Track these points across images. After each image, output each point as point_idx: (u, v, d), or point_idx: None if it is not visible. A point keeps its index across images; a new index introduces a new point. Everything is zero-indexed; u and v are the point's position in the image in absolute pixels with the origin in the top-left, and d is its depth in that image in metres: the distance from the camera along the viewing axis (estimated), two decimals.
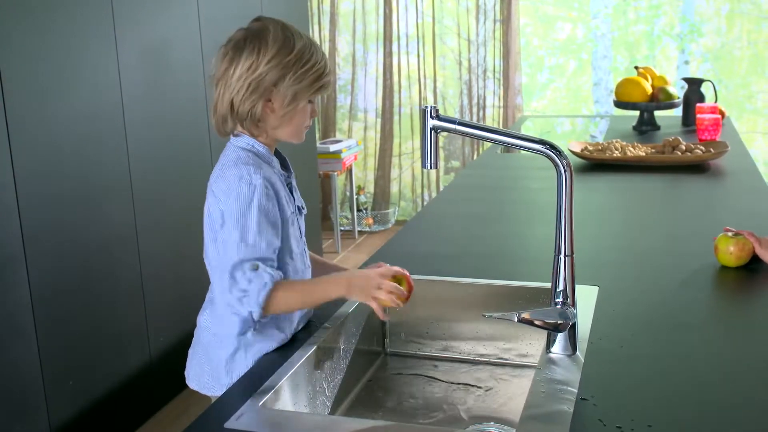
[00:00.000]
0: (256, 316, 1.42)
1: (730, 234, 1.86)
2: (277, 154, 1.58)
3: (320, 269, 1.67)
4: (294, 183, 1.59)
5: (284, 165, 1.58)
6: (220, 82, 1.48)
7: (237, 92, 1.44)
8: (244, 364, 1.50)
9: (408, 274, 1.53)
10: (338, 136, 5.75)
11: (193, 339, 1.64)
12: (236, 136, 1.52)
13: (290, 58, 1.43)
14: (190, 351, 1.63)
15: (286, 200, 1.49)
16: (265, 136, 1.50)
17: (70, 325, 2.68)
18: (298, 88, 1.44)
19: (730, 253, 1.82)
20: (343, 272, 1.60)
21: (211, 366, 1.55)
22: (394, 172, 5.72)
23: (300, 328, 1.58)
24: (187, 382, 1.63)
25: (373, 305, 1.45)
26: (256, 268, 1.41)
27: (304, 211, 1.61)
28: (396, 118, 5.63)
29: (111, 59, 2.85)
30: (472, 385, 1.73)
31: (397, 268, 1.52)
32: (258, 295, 1.40)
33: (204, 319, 1.61)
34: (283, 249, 1.49)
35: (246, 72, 1.43)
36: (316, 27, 5.54)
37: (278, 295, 1.41)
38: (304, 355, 1.48)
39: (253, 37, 1.46)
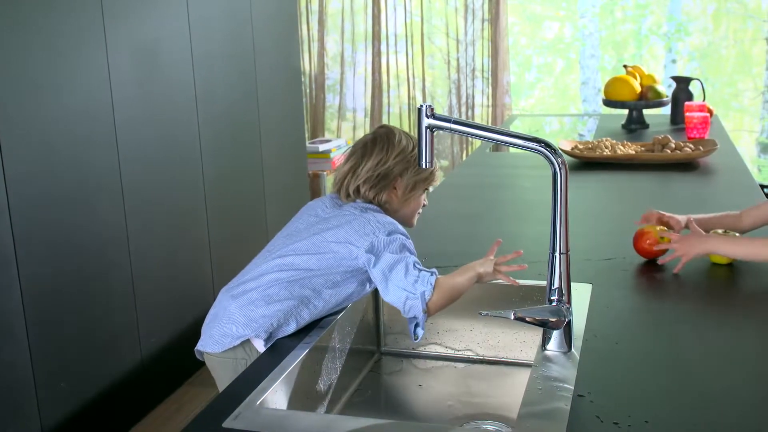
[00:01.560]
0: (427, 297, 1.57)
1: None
2: None
3: None
4: None
5: None
6: (349, 173, 1.73)
7: (365, 181, 1.71)
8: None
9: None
10: (327, 135, 5.75)
11: (214, 311, 1.69)
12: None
13: (412, 156, 1.73)
14: (209, 322, 1.69)
15: None
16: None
17: (62, 326, 2.67)
18: (418, 179, 1.74)
19: None
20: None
21: (245, 320, 1.61)
22: None
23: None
24: (204, 349, 1.67)
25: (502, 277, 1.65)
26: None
27: None
28: (385, 117, 5.63)
29: (101, 59, 2.84)
30: (468, 384, 1.73)
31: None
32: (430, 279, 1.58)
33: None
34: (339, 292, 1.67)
35: (375, 166, 1.71)
36: (304, 26, 5.54)
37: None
38: (300, 354, 1.48)
39: (382, 138, 1.75)
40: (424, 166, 1.42)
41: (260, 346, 1.60)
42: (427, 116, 1.39)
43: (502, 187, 2.83)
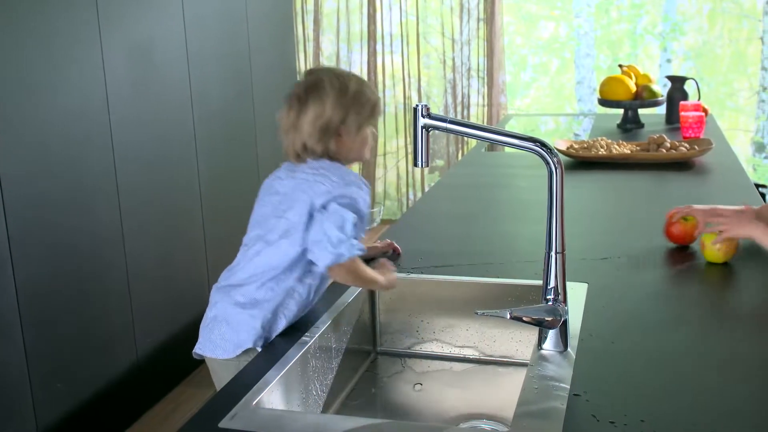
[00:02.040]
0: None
1: (713, 231, 1.87)
2: None
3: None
4: None
5: None
6: (290, 130, 1.68)
7: (309, 136, 1.65)
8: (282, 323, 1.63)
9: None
10: None
11: (212, 314, 1.69)
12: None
13: (348, 99, 1.67)
14: (208, 324, 1.69)
15: None
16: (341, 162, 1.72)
17: (57, 326, 2.67)
18: (361, 119, 1.69)
19: (717, 249, 1.84)
20: None
21: (246, 326, 1.61)
22: (379, 172, 5.72)
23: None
24: (203, 353, 1.67)
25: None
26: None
27: None
28: (380, 117, 5.63)
29: (96, 58, 2.83)
30: (464, 383, 1.73)
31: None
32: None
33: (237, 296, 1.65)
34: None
35: (314, 119, 1.65)
36: (299, 26, 5.53)
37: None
38: (296, 354, 1.48)
39: (312, 88, 1.68)
40: (419, 166, 1.42)
41: (260, 347, 1.61)
42: (423, 116, 1.39)
43: (498, 186, 2.83)
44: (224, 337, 1.64)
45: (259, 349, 1.60)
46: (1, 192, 2.42)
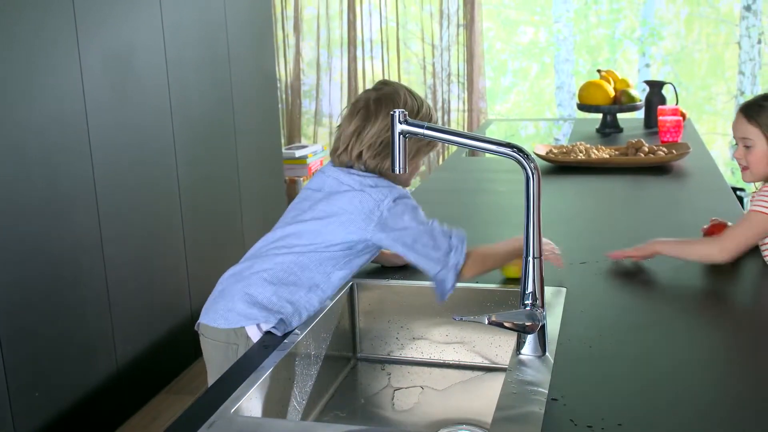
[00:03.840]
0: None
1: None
2: None
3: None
4: None
5: None
6: (352, 136, 1.65)
7: (368, 147, 1.63)
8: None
9: None
10: (303, 141, 5.74)
11: (225, 287, 1.68)
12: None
13: (419, 117, 1.65)
14: (216, 297, 1.68)
15: None
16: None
17: (35, 335, 2.64)
18: (420, 145, 1.68)
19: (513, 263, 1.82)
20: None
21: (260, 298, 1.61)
22: None
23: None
24: (208, 322, 1.65)
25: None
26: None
27: None
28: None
29: (74, 65, 2.82)
30: (444, 388, 1.73)
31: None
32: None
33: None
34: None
35: (381, 131, 1.63)
36: (279, 32, 5.53)
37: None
38: (275, 361, 1.48)
39: (386, 99, 1.65)
40: (397, 172, 1.42)
41: (254, 335, 1.60)
42: (401, 122, 1.40)
43: (478, 191, 2.84)
44: (230, 308, 1.64)
45: (252, 331, 1.60)
46: None
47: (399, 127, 1.40)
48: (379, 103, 1.64)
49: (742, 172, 1.86)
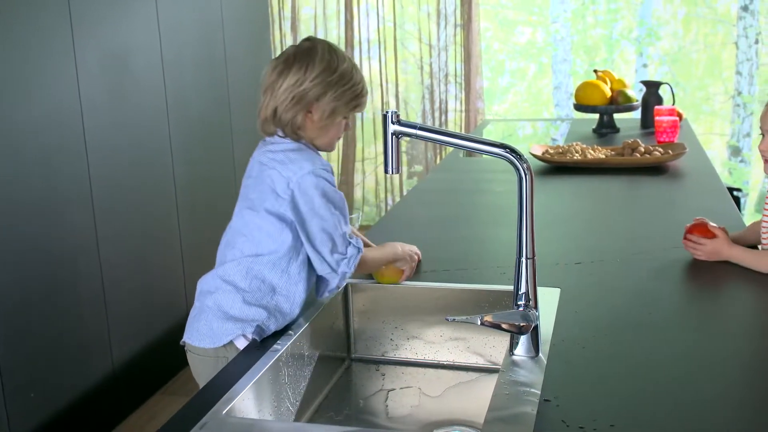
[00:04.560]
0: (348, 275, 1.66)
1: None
2: None
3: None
4: None
5: None
6: (267, 91, 1.64)
7: (281, 102, 1.61)
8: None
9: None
10: None
11: (201, 303, 1.67)
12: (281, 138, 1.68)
13: (333, 78, 1.61)
14: (196, 315, 1.67)
15: None
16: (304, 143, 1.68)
17: (31, 335, 2.64)
18: (337, 104, 1.63)
19: (385, 268, 1.83)
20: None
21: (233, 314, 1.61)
22: (358, 177, 5.72)
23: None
24: (191, 341, 1.65)
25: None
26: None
27: None
28: (358, 122, 5.63)
29: (69, 66, 2.82)
30: (437, 389, 1.73)
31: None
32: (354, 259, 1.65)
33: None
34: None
35: (292, 86, 1.60)
36: (276, 32, 5.53)
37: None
38: (268, 362, 1.47)
39: (302, 54, 1.62)
40: (389, 173, 1.42)
41: (243, 346, 1.60)
42: (393, 122, 1.39)
43: (475, 191, 2.84)
44: (210, 326, 1.64)
45: (240, 342, 1.60)
46: None
47: (392, 128, 1.40)
48: (294, 58, 1.62)
49: (765, 164, 1.85)
